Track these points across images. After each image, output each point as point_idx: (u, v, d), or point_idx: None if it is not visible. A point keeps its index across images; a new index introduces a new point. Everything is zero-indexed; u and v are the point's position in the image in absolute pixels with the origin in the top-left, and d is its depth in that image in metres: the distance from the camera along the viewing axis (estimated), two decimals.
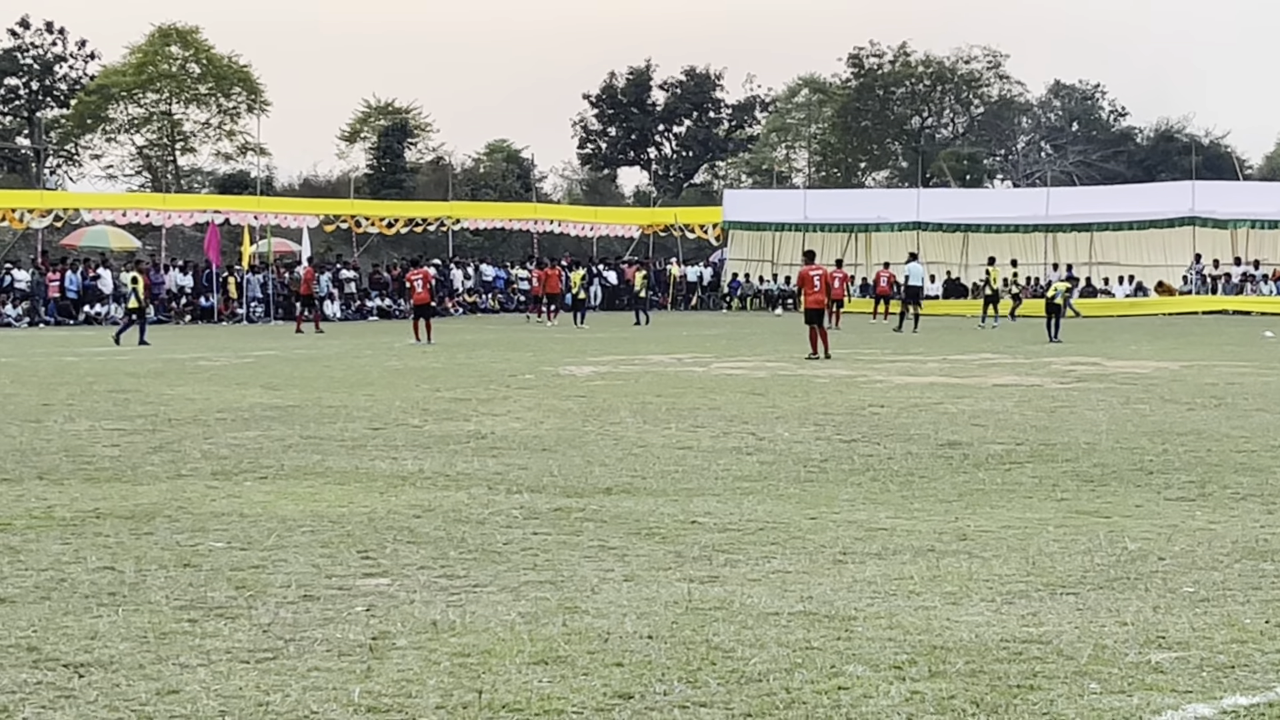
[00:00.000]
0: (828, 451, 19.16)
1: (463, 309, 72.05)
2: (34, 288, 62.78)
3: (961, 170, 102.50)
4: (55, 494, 15.74)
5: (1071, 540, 13.02)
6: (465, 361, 35.68)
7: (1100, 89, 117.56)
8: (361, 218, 74.33)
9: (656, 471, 17.43)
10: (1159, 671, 8.89)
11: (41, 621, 10.08)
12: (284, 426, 21.78)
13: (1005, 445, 19.59)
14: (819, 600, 10.72)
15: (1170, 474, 17.17)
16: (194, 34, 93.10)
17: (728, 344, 42.83)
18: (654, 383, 29.26)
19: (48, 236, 69.63)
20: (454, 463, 18.10)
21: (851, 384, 28.89)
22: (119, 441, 20.15)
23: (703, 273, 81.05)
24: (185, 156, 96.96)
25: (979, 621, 10.07)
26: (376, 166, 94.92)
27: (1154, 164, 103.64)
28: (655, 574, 11.66)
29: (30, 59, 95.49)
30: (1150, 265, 71.27)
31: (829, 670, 8.89)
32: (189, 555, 12.34)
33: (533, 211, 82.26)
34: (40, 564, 11.99)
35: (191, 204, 73.94)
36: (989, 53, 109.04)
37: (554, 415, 23.29)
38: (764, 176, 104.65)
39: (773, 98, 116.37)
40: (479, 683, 8.62)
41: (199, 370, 32.93)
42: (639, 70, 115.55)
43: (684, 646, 9.41)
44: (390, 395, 26.55)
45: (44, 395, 26.63)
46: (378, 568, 11.90)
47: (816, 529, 13.63)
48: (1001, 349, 40.80)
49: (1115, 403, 25.04)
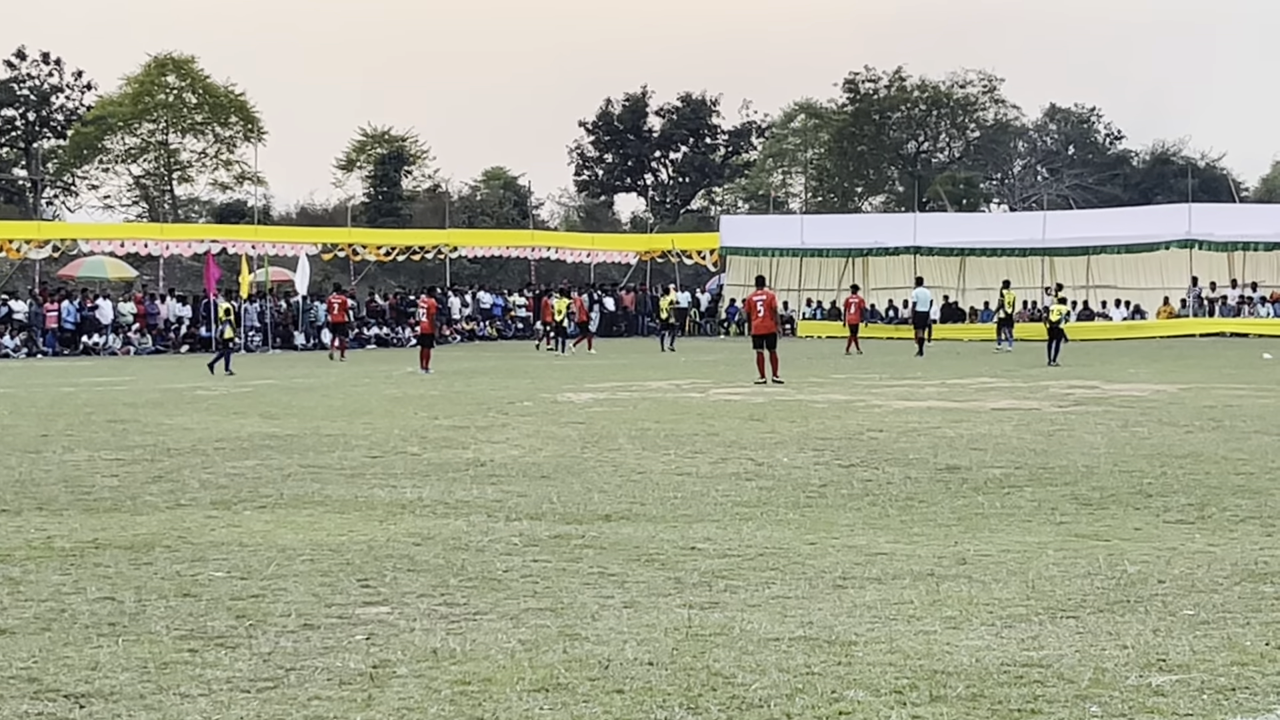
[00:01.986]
0: (827, 476, 19.16)
1: (460, 337, 72.03)
2: (31, 318, 62.75)
3: (958, 194, 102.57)
4: (54, 525, 15.73)
5: (1071, 564, 13.02)
6: (463, 389, 35.67)
7: (1096, 112, 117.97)
8: (359, 246, 74.31)
9: (655, 498, 17.43)
10: (1159, 694, 8.89)
11: (42, 652, 10.08)
12: (283, 455, 21.78)
13: (1004, 469, 19.60)
14: (819, 625, 10.72)
15: (1169, 497, 17.17)
16: (190, 64, 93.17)
17: (726, 370, 42.82)
18: (652, 409, 29.26)
19: (45, 267, 69.66)
20: (453, 490, 18.10)
21: (850, 409, 28.88)
22: (118, 471, 20.15)
23: (699, 298, 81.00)
24: (182, 186, 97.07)
25: (979, 646, 10.06)
26: (373, 195, 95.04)
27: (1150, 187, 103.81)
28: (655, 600, 11.66)
29: (27, 90, 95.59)
30: (1147, 288, 71.25)
31: (829, 695, 8.89)
32: (189, 585, 12.34)
33: (530, 239, 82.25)
34: (40, 595, 11.99)
35: (189, 234, 73.93)
36: (984, 77, 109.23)
37: (553, 442, 23.28)
38: (761, 202, 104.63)
39: (769, 123, 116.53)
40: (480, 710, 8.62)
41: (197, 400, 32.93)
42: (635, 97, 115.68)
43: (684, 673, 9.41)
44: (389, 423, 26.55)
45: (42, 426, 26.63)
46: (378, 596, 11.90)
47: (816, 554, 13.63)
48: (1000, 373, 40.79)
49: (1114, 426, 25.05)
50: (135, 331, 64.42)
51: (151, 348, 63.56)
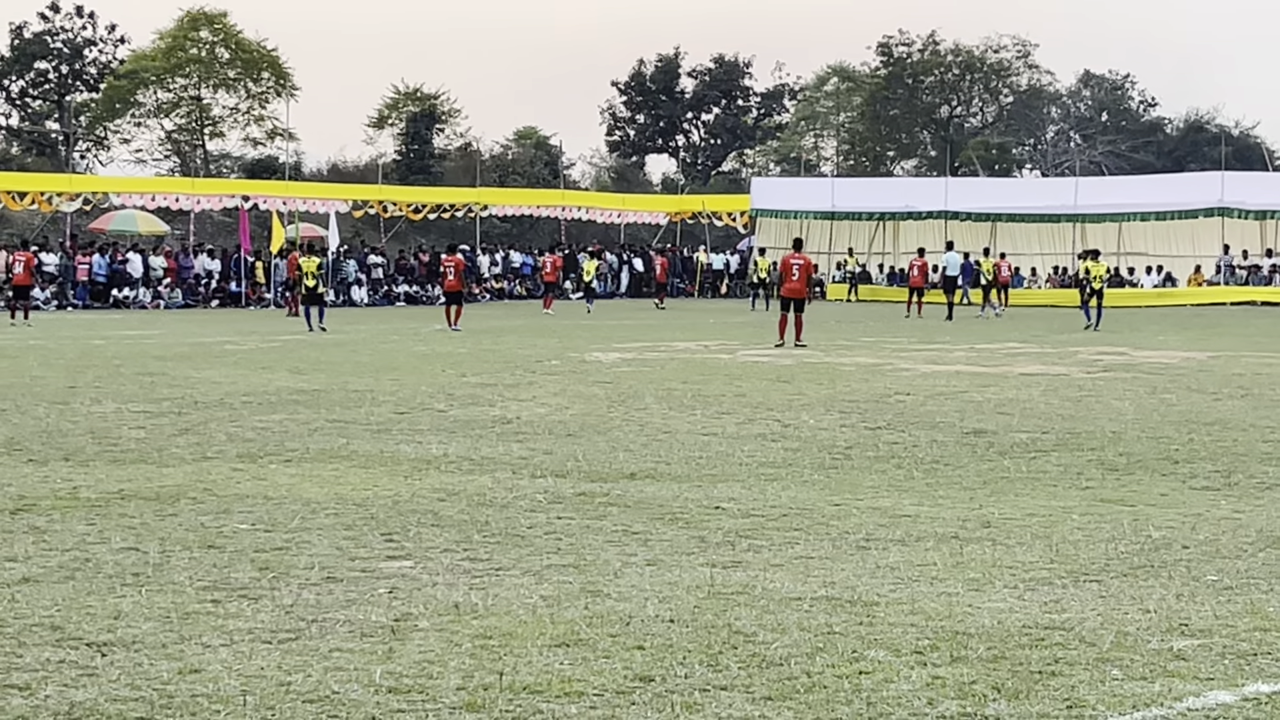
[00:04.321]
0: (853, 438, 19.14)
1: (490, 295, 72.08)
2: (62, 271, 62.93)
3: (990, 159, 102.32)
4: (81, 475, 15.78)
5: (1095, 528, 13.01)
6: (491, 347, 35.69)
7: (1130, 79, 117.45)
8: (389, 203, 74.33)
9: (681, 457, 17.43)
10: (1181, 658, 8.88)
11: (65, 601, 10.12)
12: (309, 410, 21.81)
13: (1030, 433, 19.56)
14: (841, 585, 10.72)
15: (1195, 463, 17.14)
16: (222, 18, 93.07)
17: (754, 331, 42.77)
18: (680, 369, 29.26)
19: (76, 220, 69.77)
20: (478, 447, 18.11)
21: (878, 372, 28.86)
22: (145, 424, 20.20)
23: (729, 260, 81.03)
24: (214, 141, 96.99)
25: (1001, 608, 10.06)
26: (405, 152, 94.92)
27: (1183, 155, 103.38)
28: (678, 558, 11.66)
29: (60, 43, 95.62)
30: (1179, 256, 71.05)
31: (850, 655, 8.89)
32: (213, 537, 12.37)
33: (561, 198, 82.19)
34: (65, 544, 12.03)
35: (220, 189, 74.05)
36: (1018, 42, 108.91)
37: (579, 401, 23.29)
38: (792, 165, 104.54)
39: (801, 86, 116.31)
40: (500, 665, 8.63)
41: (225, 354, 32.99)
42: (668, 58, 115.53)
43: (705, 630, 9.42)
44: (416, 380, 26.58)
45: (71, 378, 26.70)
46: (401, 550, 11.92)
47: (840, 515, 13.63)
48: (1029, 338, 40.73)
49: (1141, 392, 24.99)
50: (165, 286, 64.55)
51: (181, 302, 63.69)
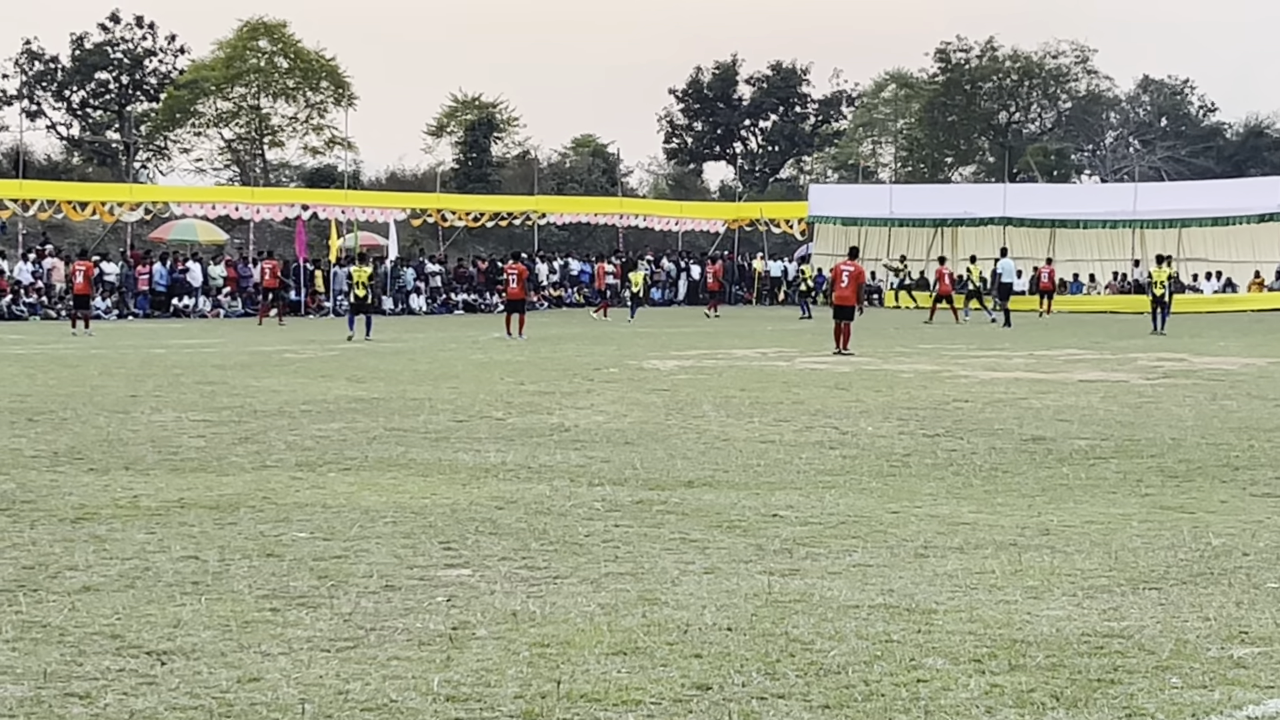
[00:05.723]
0: (911, 446, 19.11)
1: (548, 303, 72.17)
2: (123, 280, 63.29)
3: (1049, 165, 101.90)
4: (141, 484, 15.85)
5: (1155, 535, 12.96)
6: (549, 355, 35.74)
7: (1189, 84, 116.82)
8: (447, 211, 74.48)
9: (738, 465, 17.43)
10: (1241, 666, 8.84)
11: (125, 609, 10.17)
12: (368, 419, 21.87)
13: (1090, 440, 19.50)
14: (899, 594, 10.70)
15: (1256, 470, 17.06)
16: (282, 28, 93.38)
17: (812, 339, 42.71)
18: (737, 377, 29.24)
19: (137, 229, 70.14)
20: (536, 455, 18.14)
21: (936, 379, 28.79)
22: (205, 432, 20.28)
23: (787, 268, 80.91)
24: (273, 151, 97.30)
25: (1060, 616, 10.02)
26: (463, 161, 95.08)
27: (1243, 159, 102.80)
28: (736, 566, 11.66)
29: (120, 53, 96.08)
30: (1239, 261, 70.64)
31: (908, 663, 8.87)
32: (272, 545, 12.42)
33: (618, 206, 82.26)
34: (125, 553, 12.09)
35: (279, 198, 74.24)
36: (1077, 47, 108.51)
37: (637, 409, 23.30)
38: (850, 171, 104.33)
39: (859, 93, 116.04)
40: (558, 673, 8.64)
41: (285, 363, 33.11)
42: (725, 65, 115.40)
43: (763, 638, 9.41)
44: (474, 388, 26.62)
45: (131, 386, 26.83)
46: (459, 559, 11.94)
47: (898, 523, 13.61)
48: (1089, 344, 40.56)
49: (1202, 399, 24.87)
50: (225, 295, 64.84)
51: (241, 311, 63.94)
